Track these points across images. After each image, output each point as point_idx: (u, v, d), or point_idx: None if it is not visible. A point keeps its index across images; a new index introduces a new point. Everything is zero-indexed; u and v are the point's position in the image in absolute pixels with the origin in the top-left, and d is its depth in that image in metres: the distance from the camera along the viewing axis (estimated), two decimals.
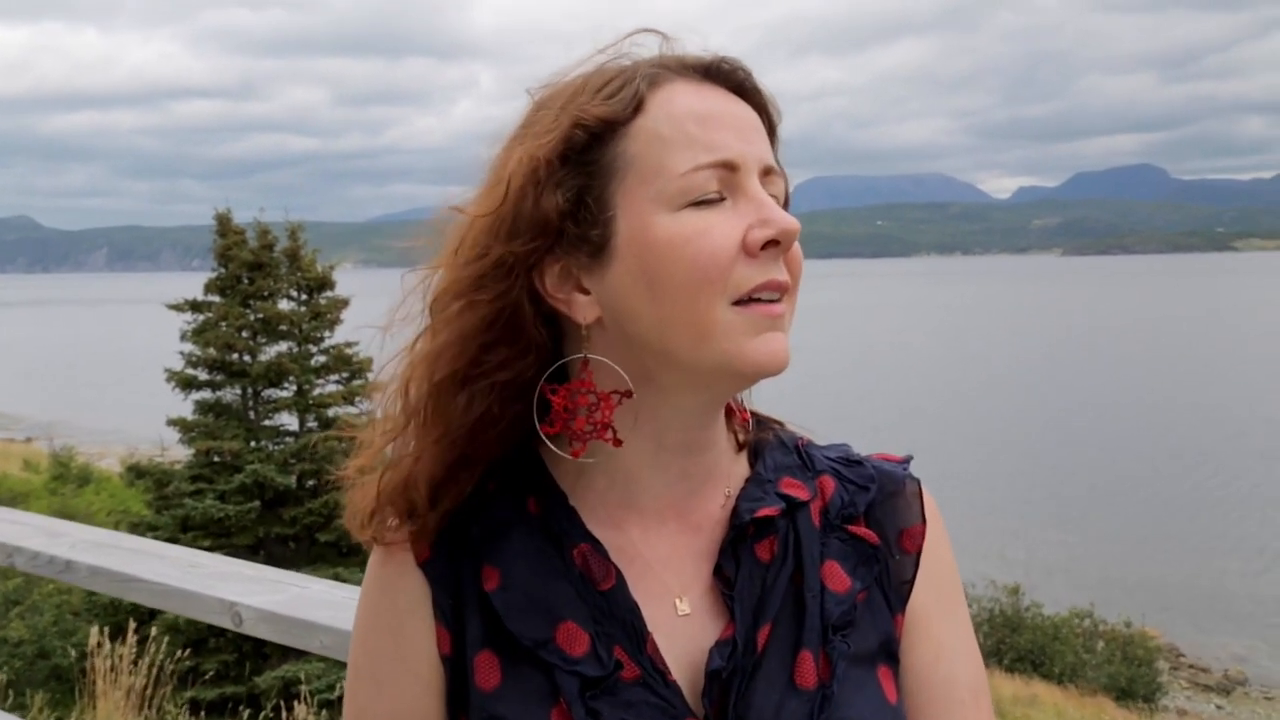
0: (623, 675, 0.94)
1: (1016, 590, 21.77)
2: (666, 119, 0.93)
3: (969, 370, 70.14)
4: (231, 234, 18.75)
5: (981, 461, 41.09)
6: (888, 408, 53.58)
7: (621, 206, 0.93)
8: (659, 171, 0.92)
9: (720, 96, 0.96)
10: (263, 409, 18.58)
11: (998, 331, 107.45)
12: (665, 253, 0.91)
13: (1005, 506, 34.30)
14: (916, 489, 1.07)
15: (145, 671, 5.61)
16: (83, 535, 2.58)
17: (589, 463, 0.99)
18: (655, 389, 0.96)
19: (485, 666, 0.97)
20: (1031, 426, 48.79)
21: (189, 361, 18.62)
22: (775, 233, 0.92)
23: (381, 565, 1.04)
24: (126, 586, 2.24)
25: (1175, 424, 48.03)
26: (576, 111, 0.93)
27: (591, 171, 0.94)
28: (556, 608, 0.96)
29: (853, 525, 1.03)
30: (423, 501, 0.99)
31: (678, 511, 1.01)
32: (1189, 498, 35.06)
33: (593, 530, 0.99)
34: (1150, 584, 26.34)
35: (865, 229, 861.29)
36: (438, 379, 0.96)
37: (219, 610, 2.03)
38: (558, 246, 0.94)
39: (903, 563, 1.04)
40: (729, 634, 0.95)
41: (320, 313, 18.62)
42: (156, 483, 17.79)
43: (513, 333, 0.95)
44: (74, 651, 9.84)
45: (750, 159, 0.94)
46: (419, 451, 0.98)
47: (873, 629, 1.00)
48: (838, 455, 1.09)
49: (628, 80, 0.95)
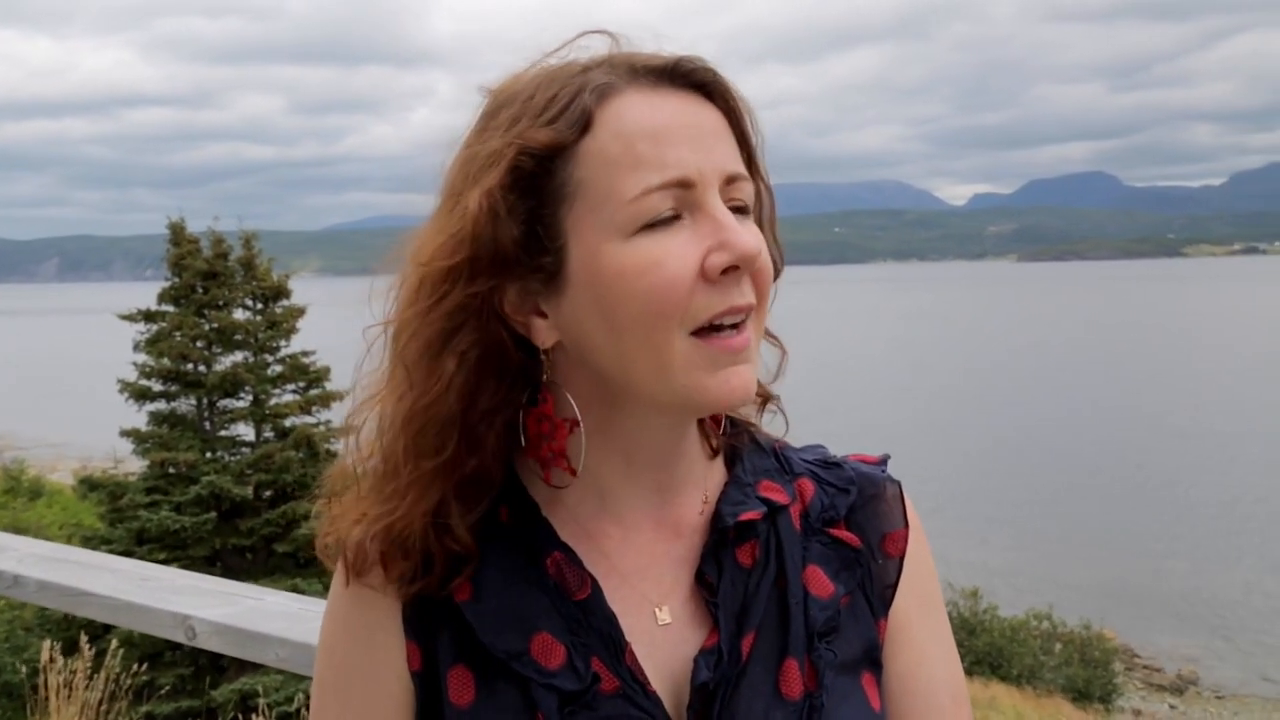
0: (601, 688, 0.91)
1: (975, 593, 21.94)
2: (615, 138, 0.87)
3: (925, 376, 70.66)
4: (185, 243, 18.51)
5: (939, 466, 41.37)
6: (844, 414, 53.85)
7: (572, 234, 0.89)
8: (608, 197, 0.87)
9: (677, 103, 0.90)
10: (218, 419, 18.35)
11: (954, 338, 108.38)
12: (618, 285, 0.86)
13: (963, 511, 34.55)
14: (898, 492, 1.05)
15: (100, 686, 5.52)
16: (31, 549, 2.52)
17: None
18: (621, 412, 0.94)
19: (458, 682, 0.93)
20: (988, 431, 49.21)
21: (143, 372, 18.35)
22: (734, 258, 0.87)
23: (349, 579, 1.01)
24: (77, 601, 2.18)
25: (1129, 429, 48.63)
26: (520, 139, 0.88)
27: (541, 197, 0.89)
28: (530, 618, 0.93)
29: (834, 529, 1.01)
30: (436, 549, 0.94)
31: (654, 520, 0.99)
32: (1144, 502, 35.52)
33: (566, 540, 0.96)
34: (1106, 586, 26.65)
35: (823, 236, 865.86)
36: (409, 430, 0.92)
37: (172, 624, 1.98)
38: (514, 270, 0.90)
39: (886, 567, 1.02)
40: (713, 642, 0.92)
41: (276, 322, 18.42)
42: (110, 495, 17.52)
43: (500, 369, 0.92)
44: (24, 668, 9.66)
45: (708, 172, 0.88)
46: (419, 499, 0.93)
47: (856, 635, 0.98)
48: (815, 458, 1.07)
49: (576, 94, 0.89)
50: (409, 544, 0.93)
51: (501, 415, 0.93)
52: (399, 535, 0.93)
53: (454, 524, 0.93)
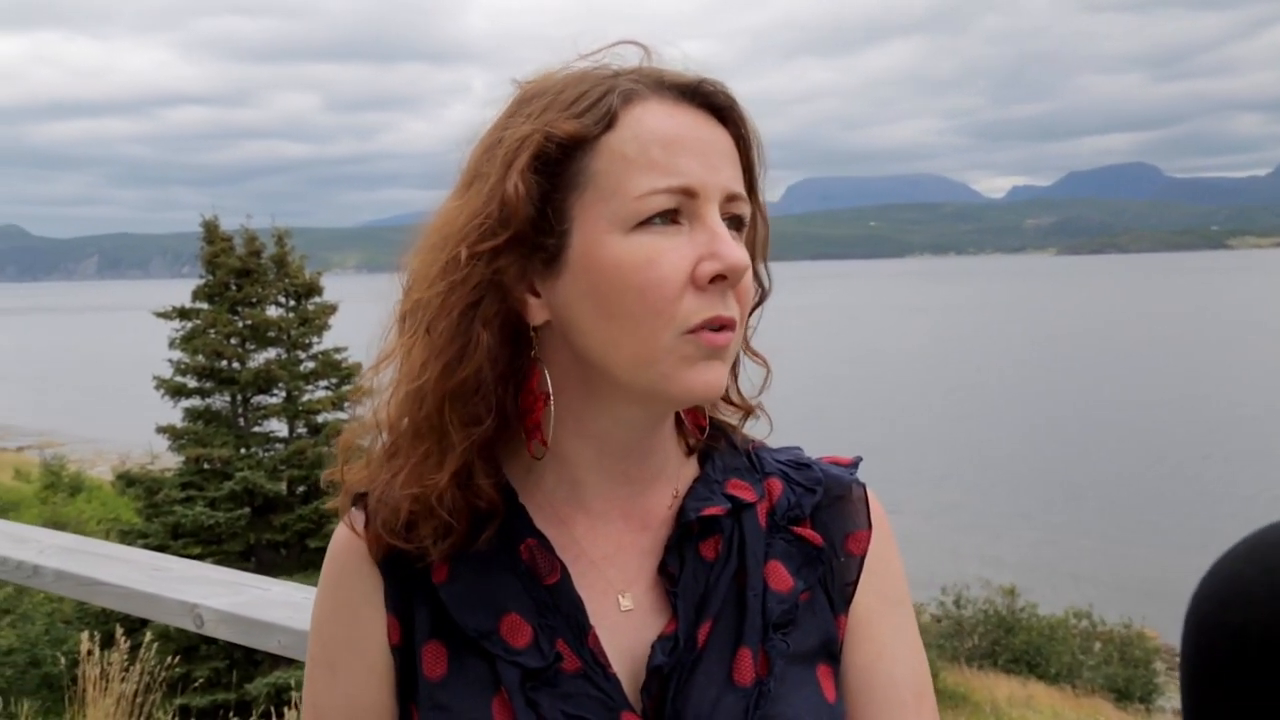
0: (564, 667, 0.96)
1: (1012, 591, 21.79)
2: (633, 139, 0.93)
3: (964, 371, 70.27)
4: (219, 241, 18.73)
5: (978, 462, 41.16)
6: (883, 409, 53.64)
7: (577, 220, 0.94)
8: (616, 191, 0.93)
9: (694, 119, 0.96)
10: (252, 415, 18.57)
11: (993, 332, 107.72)
12: (613, 276, 0.92)
13: (1002, 507, 34.35)
14: (863, 494, 1.09)
15: (136, 679, 5.59)
16: (50, 540, 2.59)
17: (540, 462, 1.01)
18: (596, 397, 0.98)
19: (432, 657, 0.99)
20: (1029, 427, 48.89)
21: (178, 369, 18.59)
22: (723, 268, 0.92)
23: (337, 556, 1.06)
24: (91, 590, 2.25)
25: (1173, 423, 48.17)
26: (547, 126, 0.94)
27: (556, 183, 0.94)
28: (501, 600, 0.98)
29: (798, 527, 1.05)
30: (460, 513, 0.98)
31: (623, 511, 1.03)
32: (1188, 497, 35.12)
33: (540, 527, 1.01)
34: (1147, 584, 26.36)
35: (858, 230, 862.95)
36: (448, 399, 0.95)
37: (180, 612, 2.04)
38: (521, 249, 0.95)
39: (847, 565, 1.05)
40: (671, 630, 0.97)
41: (308, 319, 18.60)
42: (147, 490, 17.78)
43: (515, 339, 0.97)
44: (64, 660, 9.80)
45: (712, 187, 0.94)
46: (450, 462, 0.97)
47: (814, 629, 1.02)
48: (788, 458, 1.11)
49: (604, 94, 0.95)
50: (439, 504, 0.97)
51: (514, 382, 0.99)
52: (427, 498, 0.97)
53: (480, 482, 0.98)
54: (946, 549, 29.23)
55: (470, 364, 0.94)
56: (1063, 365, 72.55)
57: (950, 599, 21.92)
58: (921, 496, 35.60)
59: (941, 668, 18.38)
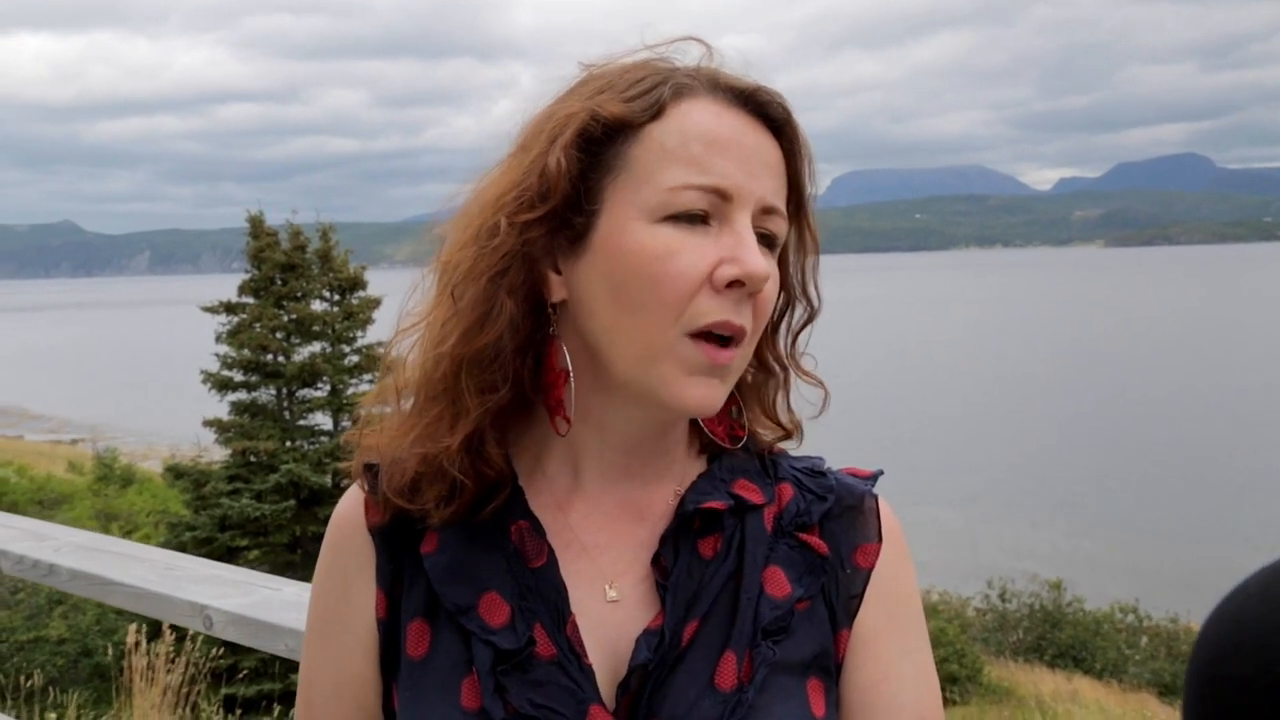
0: (539, 652, 0.94)
1: (1059, 585, 21.53)
2: (676, 132, 0.93)
3: (1011, 364, 69.51)
4: (264, 236, 18.90)
5: (1026, 455, 40.71)
6: (924, 400, 53.22)
7: (608, 203, 0.93)
8: (650, 180, 0.92)
9: (743, 124, 0.95)
10: (297, 409, 18.73)
11: (1041, 324, 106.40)
12: (632, 263, 0.91)
13: (1048, 500, 33.95)
14: (875, 506, 1.05)
15: (181, 670, 5.64)
16: (68, 538, 2.58)
17: (545, 445, 1.02)
18: (599, 384, 0.97)
19: (416, 635, 0.99)
20: (1078, 420, 48.25)
21: (224, 363, 18.78)
22: (740, 273, 0.90)
23: (338, 526, 1.06)
24: (105, 590, 2.24)
25: (1224, 417, 47.35)
26: (595, 105, 0.94)
27: (595, 163, 0.94)
28: (483, 577, 0.98)
29: (804, 533, 1.02)
30: (469, 475, 0.98)
31: (623, 501, 1.02)
32: (1238, 491, 34.50)
33: (536, 510, 1.00)
34: (1194, 578, 25.93)
35: (903, 222, 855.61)
36: (465, 362, 0.95)
37: (190, 613, 2.02)
38: (552, 224, 0.95)
39: (853, 578, 1.02)
40: (657, 624, 0.95)
41: (352, 313, 18.73)
42: (194, 483, 17.98)
43: (537, 310, 0.97)
44: (112, 651, 9.93)
45: (747, 193, 0.92)
46: (461, 426, 0.97)
47: (809, 640, 0.98)
48: (804, 466, 1.08)
49: (657, 84, 0.95)
50: (446, 468, 0.97)
51: (534, 353, 0.98)
52: (436, 459, 0.97)
53: (490, 451, 0.97)
54: (989, 541, 28.98)
55: (491, 331, 0.94)
56: (1105, 357, 71.56)
57: (995, 592, 21.72)
58: (962, 487, 35.34)
59: (986, 661, 18.23)
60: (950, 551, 28.35)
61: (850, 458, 1.13)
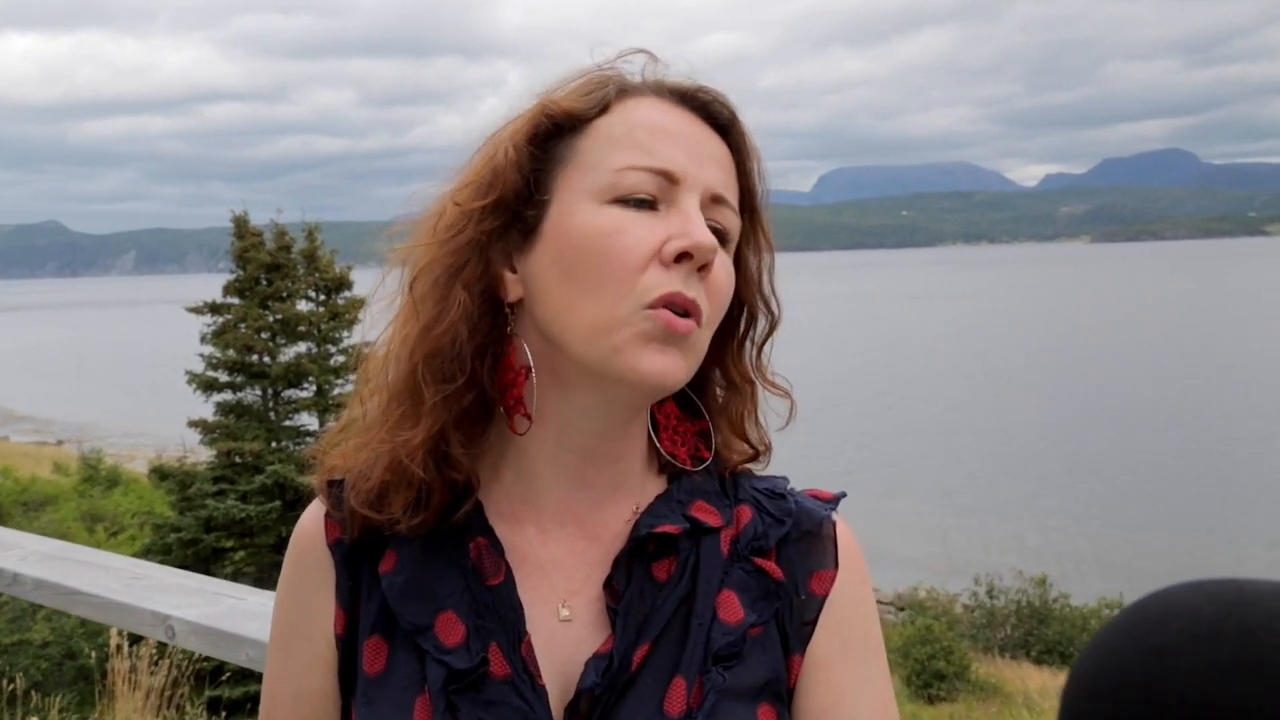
0: (492, 671, 0.94)
1: (1044, 581, 21.62)
2: (622, 123, 0.96)
3: (996, 360, 69.69)
4: (249, 236, 18.84)
5: (1010, 450, 40.83)
6: (913, 398, 53.34)
7: (558, 193, 0.95)
8: (597, 165, 0.94)
9: (686, 120, 0.97)
10: (283, 409, 18.70)
11: (1027, 319, 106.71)
12: (580, 243, 0.92)
13: (1033, 496, 34.06)
14: (833, 532, 1.04)
15: (165, 672, 5.61)
16: (34, 547, 2.56)
17: (502, 453, 1.01)
18: (557, 381, 0.97)
19: (372, 652, 0.99)
20: (1063, 415, 48.40)
21: (209, 363, 18.73)
22: (689, 244, 0.91)
23: (298, 541, 1.06)
24: (70, 599, 2.22)
25: (1208, 412, 47.57)
26: (546, 101, 0.97)
27: (545, 157, 0.96)
28: (440, 597, 0.97)
29: (760, 558, 1.01)
30: (437, 484, 0.98)
31: (578, 518, 1.01)
32: (1221, 485, 34.70)
33: (494, 524, 1.00)
34: (1181, 572, 25.94)
35: (889, 219, 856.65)
36: (422, 356, 0.95)
37: (153, 623, 2.01)
38: (506, 218, 0.97)
39: (807, 603, 1.01)
40: (607, 648, 0.94)
41: (338, 313, 18.70)
42: (180, 484, 17.95)
43: (494, 307, 0.97)
44: (94, 654, 9.86)
45: (694, 178, 0.94)
46: (423, 426, 0.96)
47: (762, 665, 0.97)
48: (765, 487, 1.06)
49: (603, 85, 0.98)
50: (410, 471, 0.96)
51: (493, 352, 0.97)
52: (401, 462, 0.96)
53: (454, 452, 0.96)
54: (976, 537, 29.06)
55: (446, 323, 0.94)
56: (1091, 352, 71.80)
57: (983, 589, 21.80)
58: (947, 483, 35.45)
59: (974, 659, 18.29)
60: (933, 546, 28.46)
61: (835, 453, 1.12)
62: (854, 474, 35.68)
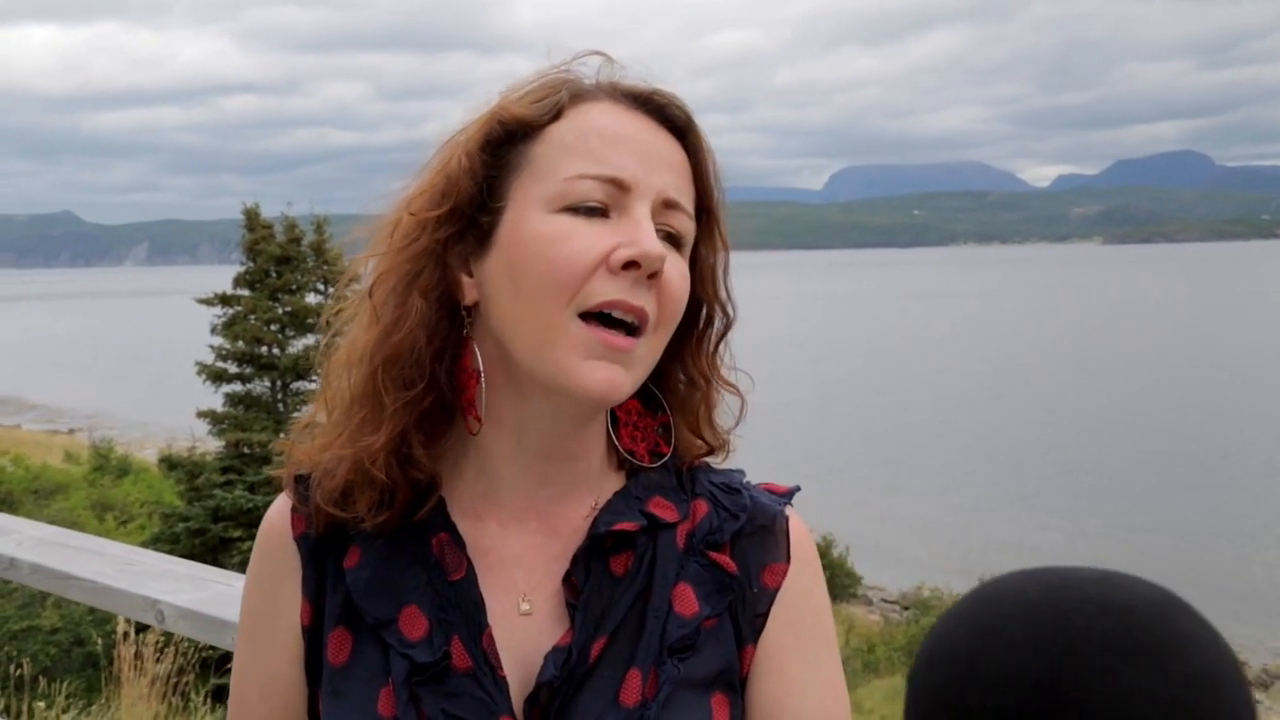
0: (455, 664, 0.96)
1: None
2: (575, 130, 0.96)
3: (1007, 360, 69.45)
4: (259, 228, 18.89)
5: (1019, 450, 40.72)
6: (923, 397, 53.23)
7: (511, 200, 0.96)
8: (549, 173, 0.95)
9: (641, 124, 0.98)
10: (291, 401, 18.75)
11: (1038, 320, 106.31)
12: (529, 249, 0.93)
13: (1035, 496, 33.98)
14: (785, 527, 1.06)
15: (171, 659, 5.65)
16: (32, 532, 2.60)
17: (463, 451, 1.03)
18: (512, 384, 0.99)
19: (337, 643, 1.01)
20: (1072, 415, 48.23)
21: (219, 355, 18.78)
22: (636, 253, 0.91)
23: (266, 534, 1.08)
24: (64, 584, 2.26)
25: (1218, 413, 47.36)
26: (498, 108, 0.98)
27: (499, 164, 0.97)
28: (403, 592, 0.99)
29: (714, 552, 1.03)
30: (400, 483, 0.99)
31: (539, 514, 1.03)
32: (1226, 488, 34.55)
33: (456, 520, 1.02)
34: (1185, 574, 25.98)
35: (901, 219, 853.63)
36: (381, 362, 0.97)
37: (144, 608, 2.04)
38: (461, 225, 0.98)
39: (760, 596, 1.04)
40: (566, 642, 0.97)
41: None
42: (188, 474, 18.01)
43: (452, 313, 0.99)
44: (101, 641, 9.92)
45: (645, 185, 0.94)
46: (384, 429, 0.98)
47: (715, 656, 1.00)
48: (721, 481, 1.09)
49: (556, 90, 0.99)
50: (373, 473, 0.98)
51: (451, 354, 0.99)
52: (364, 464, 0.98)
53: (416, 453, 0.98)
54: (978, 535, 29.01)
55: (404, 329, 0.96)
56: (1102, 353, 71.50)
57: None
58: (954, 481, 35.37)
59: None
60: (932, 545, 28.44)
61: (841, 450, 1.15)
62: (860, 472, 35.71)
